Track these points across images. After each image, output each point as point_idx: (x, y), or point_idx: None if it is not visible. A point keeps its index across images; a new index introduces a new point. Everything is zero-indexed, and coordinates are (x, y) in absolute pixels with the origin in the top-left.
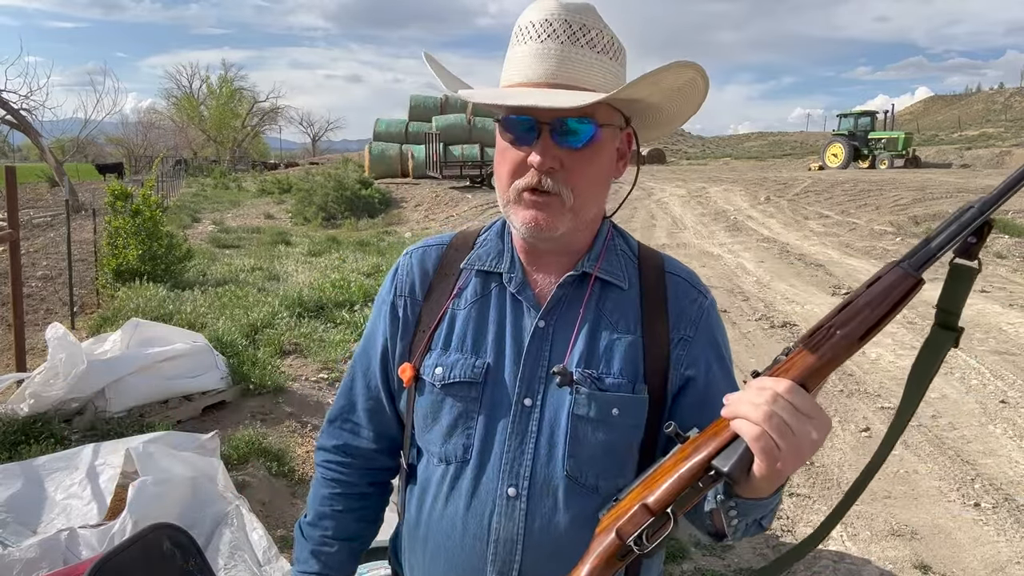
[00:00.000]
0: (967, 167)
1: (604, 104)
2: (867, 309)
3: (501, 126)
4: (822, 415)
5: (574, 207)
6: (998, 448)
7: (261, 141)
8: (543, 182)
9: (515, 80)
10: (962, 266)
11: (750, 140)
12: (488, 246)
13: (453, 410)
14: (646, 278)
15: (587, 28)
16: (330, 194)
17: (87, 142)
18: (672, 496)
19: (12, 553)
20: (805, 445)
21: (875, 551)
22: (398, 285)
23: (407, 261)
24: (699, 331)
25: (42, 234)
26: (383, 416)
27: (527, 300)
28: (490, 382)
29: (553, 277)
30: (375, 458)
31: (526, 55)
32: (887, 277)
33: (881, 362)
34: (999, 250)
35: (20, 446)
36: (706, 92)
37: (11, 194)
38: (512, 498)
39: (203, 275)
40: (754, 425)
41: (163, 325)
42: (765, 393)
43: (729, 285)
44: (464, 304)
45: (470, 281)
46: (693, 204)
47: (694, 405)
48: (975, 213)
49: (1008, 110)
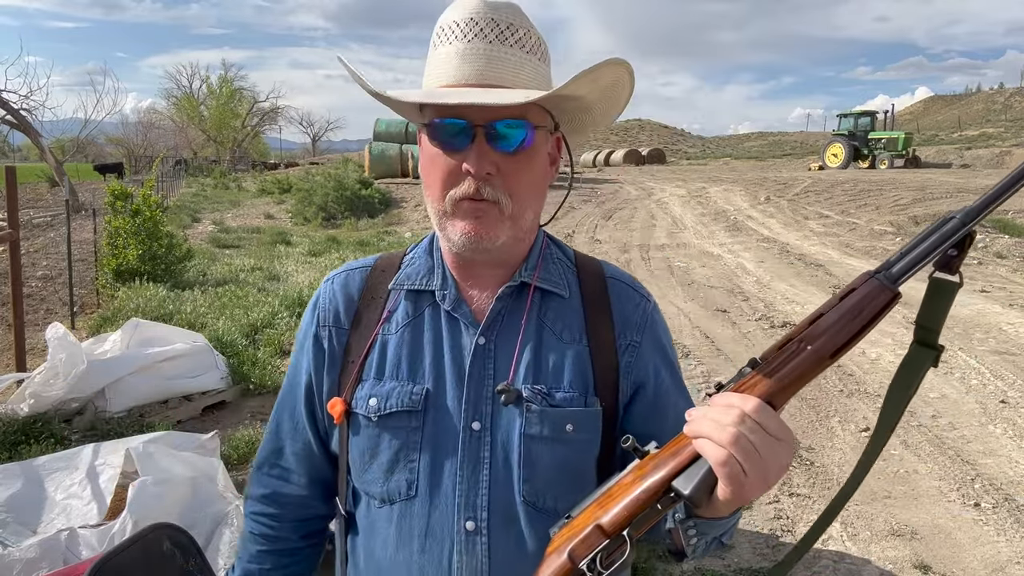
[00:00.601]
0: (967, 167)
1: (535, 106)
2: (839, 324)
3: (429, 132)
4: (790, 436)
5: (513, 214)
6: (998, 448)
7: (261, 141)
8: (481, 190)
9: (441, 82)
10: (943, 280)
11: (750, 140)
12: (416, 264)
13: (392, 444)
14: (586, 285)
15: (515, 27)
16: (330, 194)
17: (87, 142)
18: (628, 517)
19: (12, 553)
20: (772, 470)
21: (875, 551)
22: (320, 315)
23: (328, 288)
24: (645, 336)
25: (42, 234)
26: (314, 459)
27: (463, 317)
28: (431, 409)
29: (489, 291)
30: (308, 505)
31: (451, 56)
32: (862, 290)
33: (881, 362)
34: (999, 250)
35: (20, 446)
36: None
37: (11, 194)
38: (471, 532)
39: (203, 275)
40: (719, 447)
41: (163, 325)
42: (732, 412)
43: (729, 285)
44: (395, 328)
45: (400, 303)
46: (693, 204)
47: (645, 413)
48: (957, 224)
49: (1008, 110)
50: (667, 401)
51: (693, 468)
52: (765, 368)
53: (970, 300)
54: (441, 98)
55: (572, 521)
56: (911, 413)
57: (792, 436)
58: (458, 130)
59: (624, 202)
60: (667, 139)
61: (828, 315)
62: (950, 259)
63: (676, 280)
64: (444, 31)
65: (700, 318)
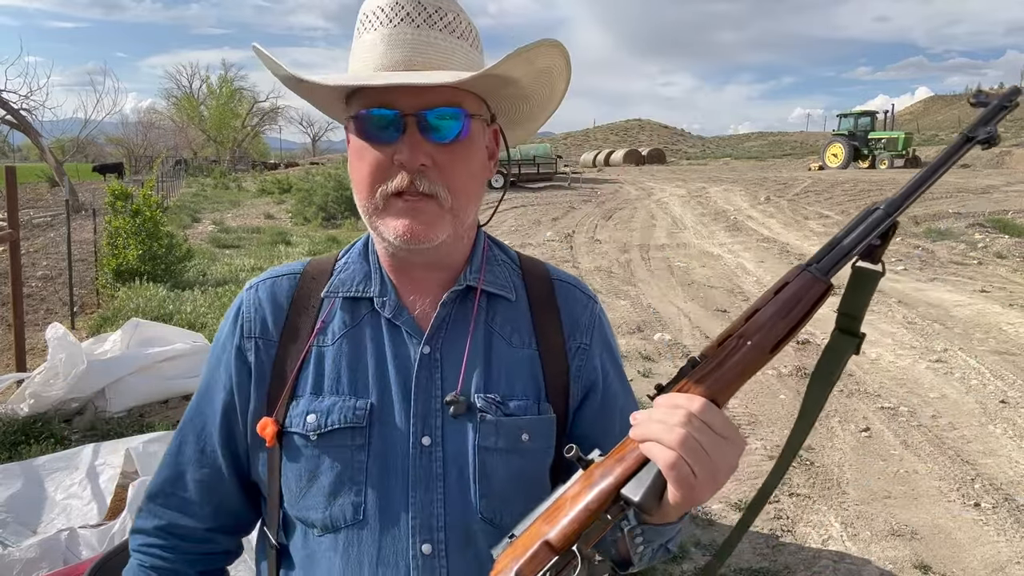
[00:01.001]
0: (967, 167)
1: (469, 94)
2: (777, 318)
3: (356, 124)
4: (738, 435)
5: (453, 208)
6: (998, 448)
7: (261, 141)
8: (416, 183)
9: (368, 68)
10: (865, 269)
11: (750, 140)
12: (351, 269)
13: (335, 465)
14: (532, 287)
15: (443, 11)
16: (330, 194)
17: (87, 142)
18: (577, 531)
19: (12, 553)
20: (722, 469)
21: (875, 551)
22: (244, 325)
23: (252, 296)
24: (594, 338)
25: (42, 234)
26: (222, 488)
27: (406, 325)
28: (377, 424)
29: (431, 296)
30: (209, 539)
31: (376, 42)
32: (795, 283)
33: (881, 362)
34: (999, 250)
35: (20, 446)
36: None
37: (11, 194)
38: (428, 556)
39: (203, 275)
40: (667, 449)
41: (163, 325)
42: (678, 413)
43: (729, 285)
44: (331, 339)
45: (335, 312)
46: (693, 204)
47: (593, 416)
48: (882, 215)
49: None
50: (614, 403)
51: (641, 474)
52: (706, 366)
53: (970, 300)
54: (365, 81)
55: (517, 540)
56: (911, 413)
57: (739, 434)
58: (387, 121)
59: (624, 202)
60: (667, 139)
61: (764, 309)
62: (873, 249)
63: (676, 280)
64: (368, 17)
65: (700, 318)
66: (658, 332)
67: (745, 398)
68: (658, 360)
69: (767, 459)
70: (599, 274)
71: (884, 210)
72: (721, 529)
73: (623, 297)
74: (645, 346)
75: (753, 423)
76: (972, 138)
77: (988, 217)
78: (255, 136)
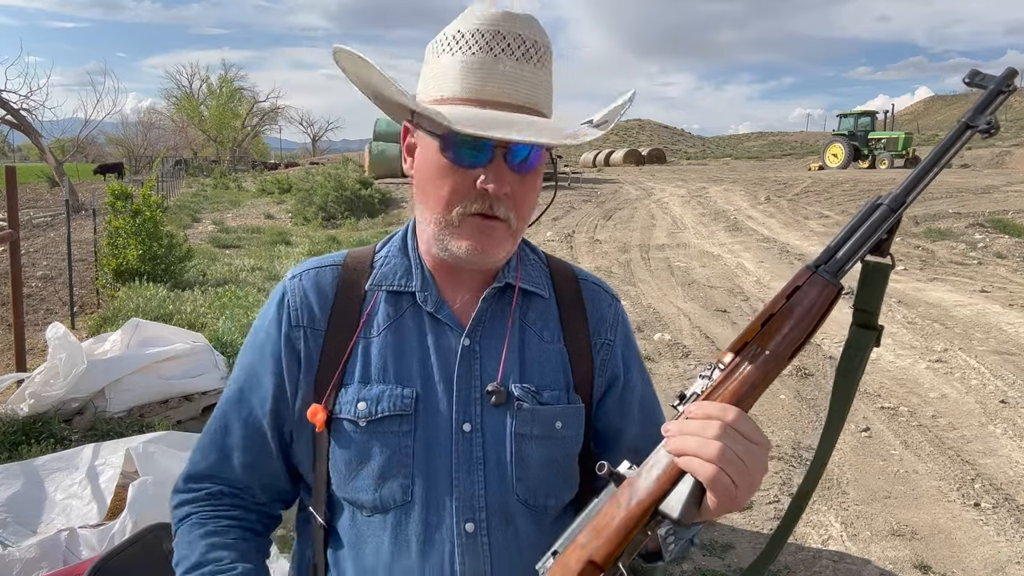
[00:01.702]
0: (967, 167)
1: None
2: (793, 325)
3: (443, 143)
4: (765, 439)
5: (514, 232)
6: (998, 448)
7: (261, 141)
8: (495, 207)
9: (458, 94)
10: (876, 263)
11: (750, 140)
12: (392, 264)
13: (384, 450)
14: (560, 286)
15: (538, 45)
16: (330, 194)
17: (87, 142)
18: (619, 547)
19: (12, 553)
20: (757, 476)
21: (875, 551)
22: (292, 314)
23: (297, 286)
24: (618, 335)
25: (42, 234)
26: (267, 468)
27: (447, 319)
28: (422, 411)
29: (470, 292)
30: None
31: (473, 68)
32: (809, 288)
33: (881, 362)
34: (999, 250)
35: (20, 446)
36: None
37: (11, 194)
38: (471, 534)
39: (203, 275)
40: (707, 464)
41: (163, 325)
42: (714, 426)
43: (729, 285)
44: (377, 330)
45: (380, 304)
46: (693, 204)
47: (615, 407)
48: (886, 211)
49: (1008, 110)
50: (634, 395)
51: (680, 488)
52: (730, 374)
53: (970, 300)
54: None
55: (560, 557)
56: (911, 413)
57: (765, 437)
58: (480, 149)
59: (624, 202)
60: (667, 139)
61: (780, 317)
62: (881, 242)
63: (676, 280)
64: (463, 38)
65: (700, 318)
66: (658, 332)
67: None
68: (658, 360)
69: (769, 459)
70: (599, 274)
71: (888, 206)
72: (722, 530)
73: (623, 297)
74: (645, 346)
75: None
76: (972, 127)
77: (988, 217)
78: (255, 136)
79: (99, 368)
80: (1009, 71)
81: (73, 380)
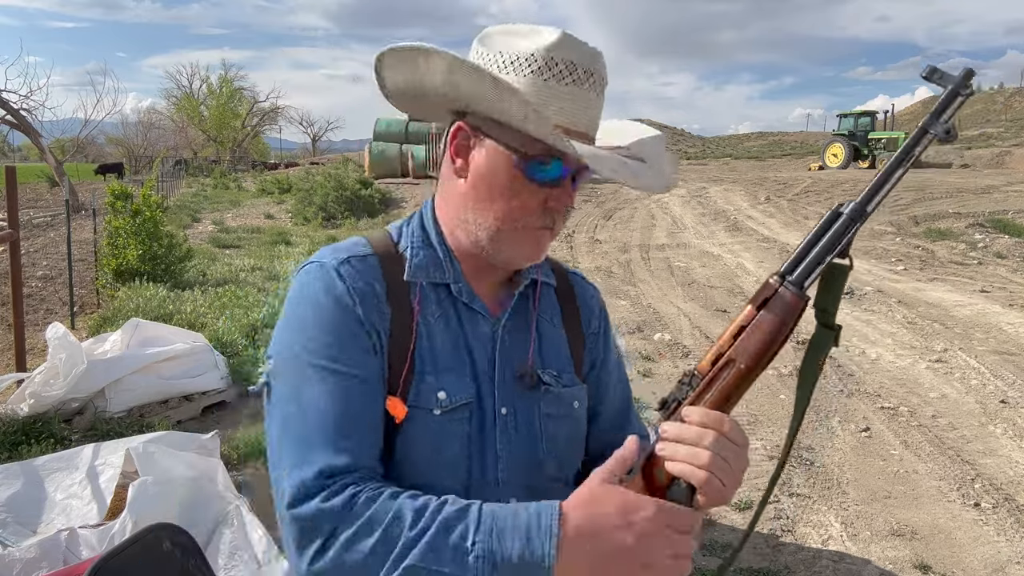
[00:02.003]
0: (967, 167)
1: None
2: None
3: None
4: (747, 440)
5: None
6: (998, 448)
7: (261, 141)
8: (557, 222)
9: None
10: (836, 266)
11: (750, 140)
12: (421, 255)
13: (454, 437)
14: (558, 277)
15: (605, 81)
16: (330, 194)
17: (87, 142)
18: None
19: (12, 553)
20: (741, 473)
21: (875, 551)
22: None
23: (350, 271)
24: (602, 323)
25: (42, 234)
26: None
27: (480, 308)
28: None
29: (492, 282)
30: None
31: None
32: (777, 303)
33: (881, 362)
34: (999, 250)
35: (20, 446)
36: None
37: (11, 194)
38: None
39: (203, 275)
40: (699, 470)
41: (163, 325)
42: (708, 436)
43: (729, 285)
44: (432, 319)
45: (427, 294)
46: (693, 204)
47: (594, 387)
48: (847, 221)
49: (1008, 110)
50: (611, 377)
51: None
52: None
53: (970, 300)
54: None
55: None
56: (911, 413)
57: (747, 438)
58: (559, 171)
59: (624, 202)
60: (667, 139)
61: (751, 331)
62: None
63: (676, 280)
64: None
65: (700, 318)
66: (658, 332)
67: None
68: (658, 360)
69: (767, 459)
70: (599, 274)
71: (849, 215)
72: (720, 529)
73: (623, 297)
74: (645, 346)
75: (753, 423)
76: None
77: (988, 217)
78: (255, 136)
79: (99, 368)
80: (967, 71)
81: (73, 380)
